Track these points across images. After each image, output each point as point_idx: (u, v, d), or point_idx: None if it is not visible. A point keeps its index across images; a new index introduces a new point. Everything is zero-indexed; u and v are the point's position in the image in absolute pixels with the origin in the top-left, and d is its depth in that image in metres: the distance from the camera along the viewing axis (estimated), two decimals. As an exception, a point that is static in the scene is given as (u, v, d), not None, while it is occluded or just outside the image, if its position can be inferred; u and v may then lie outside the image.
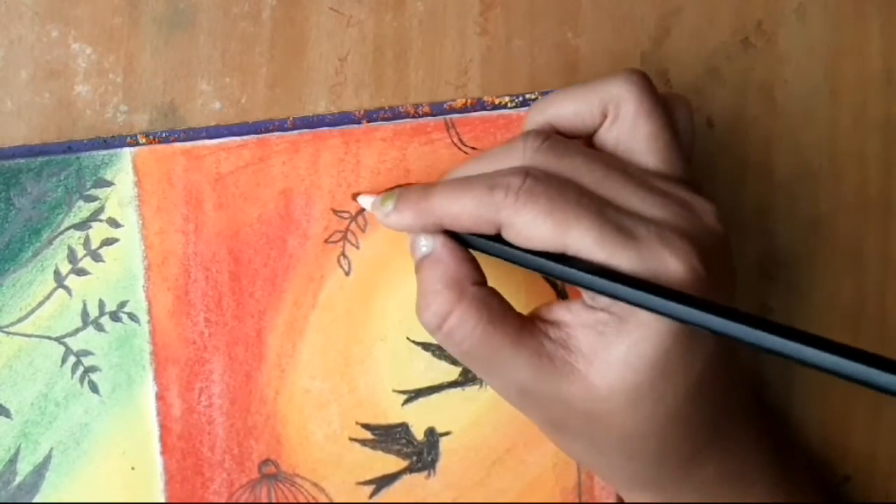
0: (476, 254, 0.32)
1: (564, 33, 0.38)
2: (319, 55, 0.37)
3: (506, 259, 0.31)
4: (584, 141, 0.33)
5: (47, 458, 0.36)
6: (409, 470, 0.37)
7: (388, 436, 0.37)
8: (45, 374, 0.36)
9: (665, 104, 0.32)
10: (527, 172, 0.30)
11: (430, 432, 0.37)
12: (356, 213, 0.37)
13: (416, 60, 0.37)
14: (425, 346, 0.37)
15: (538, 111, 0.33)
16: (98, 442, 0.36)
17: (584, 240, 0.28)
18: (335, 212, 0.37)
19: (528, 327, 0.31)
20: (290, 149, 0.37)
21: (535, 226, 0.29)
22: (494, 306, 0.31)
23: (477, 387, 0.37)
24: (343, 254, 0.37)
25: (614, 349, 0.29)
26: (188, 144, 0.36)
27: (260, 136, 0.37)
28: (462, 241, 0.32)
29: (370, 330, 0.37)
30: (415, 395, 0.37)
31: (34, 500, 0.36)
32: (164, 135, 0.37)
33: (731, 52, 0.38)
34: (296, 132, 0.37)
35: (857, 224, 0.39)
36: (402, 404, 0.37)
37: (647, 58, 0.38)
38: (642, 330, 0.28)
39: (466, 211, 0.30)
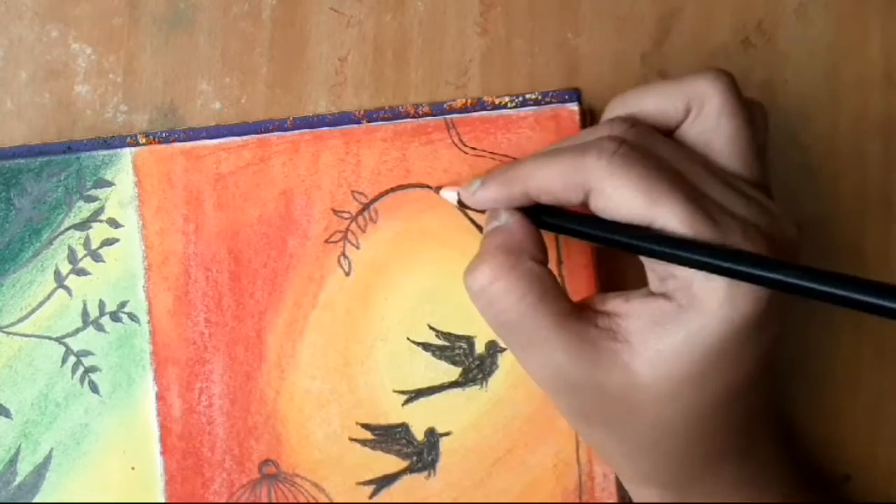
0: None
1: (564, 33, 0.38)
2: (319, 55, 0.37)
3: (589, 238, 0.30)
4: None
5: (47, 459, 0.36)
6: (410, 470, 0.37)
7: (388, 436, 0.37)
8: (45, 375, 0.36)
9: (748, 106, 0.32)
10: (622, 140, 0.29)
11: (431, 432, 0.37)
12: (356, 214, 0.37)
13: (416, 60, 0.37)
14: (425, 347, 0.37)
15: (619, 104, 0.32)
16: (98, 442, 0.36)
17: (673, 215, 0.28)
18: (335, 212, 0.37)
19: (575, 313, 0.30)
20: (291, 149, 0.37)
21: (627, 192, 0.29)
22: (547, 285, 0.30)
23: (478, 387, 0.37)
24: (343, 254, 0.37)
25: (669, 337, 0.29)
26: (188, 144, 0.36)
27: (260, 136, 0.37)
28: (540, 223, 0.32)
29: (370, 330, 0.37)
30: (415, 395, 0.37)
31: (34, 500, 0.36)
32: (163, 135, 0.37)
33: (731, 52, 0.38)
34: (296, 132, 0.37)
35: (857, 224, 0.39)
36: (403, 404, 0.37)
37: (647, 58, 0.38)
38: (703, 319, 0.28)
39: (555, 175, 0.30)
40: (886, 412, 0.39)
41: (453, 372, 0.37)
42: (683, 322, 0.28)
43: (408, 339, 0.37)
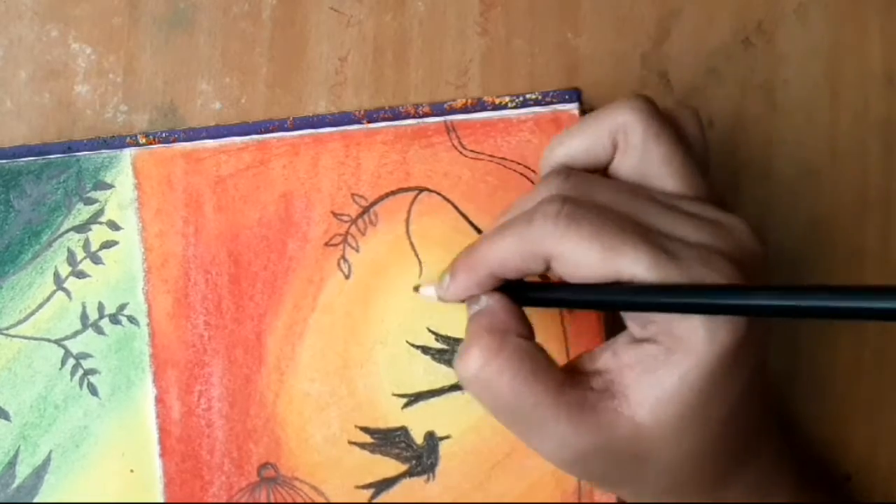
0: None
1: (564, 33, 0.38)
2: (319, 55, 0.37)
3: (565, 305, 0.30)
4: (599, 174, 0.33)
5: (46, 461, 0.36)
6: (409, 474, 0.37)
7: (387, 439, 0.37)
8: (44, 377, 0.36)
9: (673, 121, 0.32)
10: (563, 198, 0.29)
11: (430, 436, 0.37)
12: (356, 217, 0.37)
13: (416, 60, 0.37)
14: (425, 350, 0.37)
15: (550, 153, 0.32)
16: (97, 444, 0.36)
17: (636, 262, 0.28)
18: (335, 215, 0.37)
19: (569, 381, 0.30)
20: (291, 151, 0.37)
21: (582, 251, 0.28)
22: (537, 359, 0.30)
23: (476, 391, 0.37)
24: (343, 257, 0.37)
25: (664, 384, 0.29)
26: (188, 146, 0.36)
27: (260, 137, 0.36)
28: (520, 299, 0.32)
29: (370, 333, 0.37)
30: (414, 398, 0.37)
31: (33, 502, 0.36)
32: (164, 135, 0.36)
33: (731, 52, 0.38)
34: (296, 134, 0.36)
35: (857, 224, 0.39)
36: (402, 408, 0.37)
37: (647, 58, 0.38)
38: (692, 358, 0.28)
39: (510, 250, 0.30)
40: (886, 413, 0.39)
41: (453, 375, 0.37)
42: (674, 365, 0.28)
43: (407, 342, 0.37)
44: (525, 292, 0.32)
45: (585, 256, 0.28)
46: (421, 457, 0.37)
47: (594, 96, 0.37)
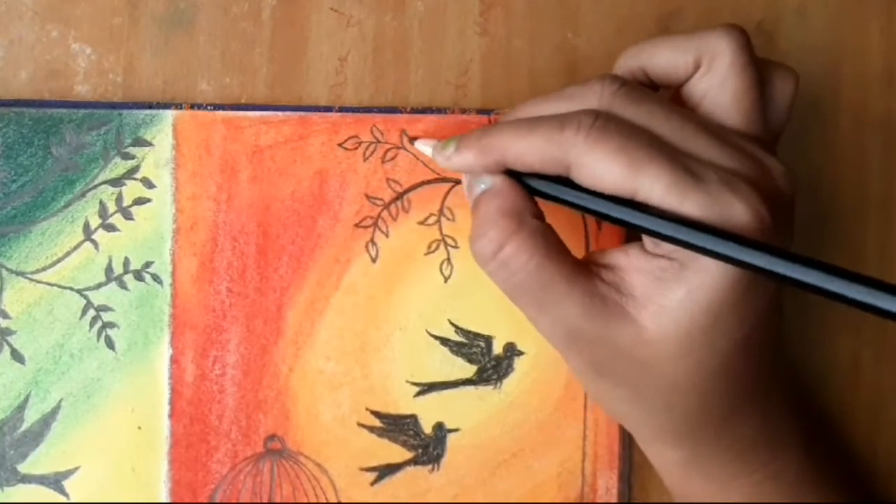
0: None
1: (564, 33, 0.38)
2: (319, 55, 0.37)
3: (570, 204, 0.30)
4: (672, 91, 0.33)
5: (56, 409, 0.36)
6: (414, 462, 0.37)
7: (396, 425, 0.37)
8: (63, 325, 0.36)
9: (763, 68, 0.32)
10: (599, 113, 0.29)
11: (439, 427, 0.37)
12: (389, 201, 0.37)
13: (416, 60, 0.38)
14: (443, 341, 0.37)
15: (631, 56, 0.33)
16: (108, 398, 0.36)
17: (656, 183, 0.28)
18: (368, 197, 0.37)
19: (582, 267, 0.31)
20: (331, 129, 0.37)
21: (607, 165, 0.29)
22: (552, 241, 0.31)
23: (491, 387, 0.37)
24: (372, 240, 0.37)
25: (671, 294, 0.29)
26: (230, 113, 0.36)
27: (302, 113, 0.37)
28: (526, 187, 0.32)
29: (390, 318, 0.37)
30: (427, 388, 0.37)
31: (38, 449, 0.36)
32: (209, 108, 0.37)
33: None
34: (339, 114, 0.37)
35: (857, 224, 0.39)
36: (414, 396, 0.37)
37: None
38: (702, 276, 0.28)
39: (534, 149, 0.30)
40: (886, 412, 0.39)
41: (468, 369, 0.37)
42: (684, 279, 0.29)
43: (427, 331, 0.37)
44: (531, 181, 0.31)
45: (608, 171, 0.29)
46: (428, 446, 0.37)
47: None
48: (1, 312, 0.36)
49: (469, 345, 0.37)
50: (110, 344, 0.36)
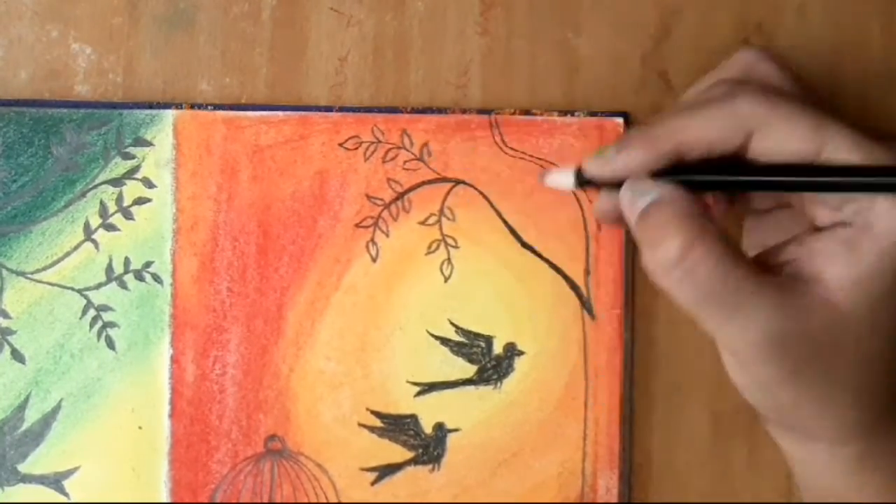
0: None
1: (564, 33, 0.38)
2: (319, 55, 0.37)
3: (752, 187, 0.30)
4: None
5: (56, 408, 0.36)
6: (414, 462, 0.37)
7: (396, 425, 0.37)
8: (63, 325, 0.36)
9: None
10: (764, 81, 0.30)
11: (439, 427, 0.37)
12: (390, 201, 0.37)
13: (416, 60, 0.38)
14: (444, 341, 0.37)
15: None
16: (108, 398, 0.36)
17: (842, 139, 0.28)
18: (369, 197, 0.37)
19: (764, 268, 0.30)
20: (332, 129, 0.37)
21: (793, 124, 0.29)
22: (732, 244, 0.29)
23: (491, 387, 0.37)
24: (372, 240, 0.37)
25: (862, 262, 0.28)
26: (230, 113, 0.36)
27: (302, 112, 0.37)
28: (698, 186, 0.31)
29: (390, 318, 0.37)
30: (428, 388, 0.37)
31: (38, 449, 0.36)
32: (209, 108, 0.37)
33: (731, 52, 0.38)
34: (339, 114, 0.37)
35: None
36: (415, 396, 0.37)
37: (647, 58, 0.38)
38: (891, 235, 0.28)
39: (710, 124, 0.29)
40: None
41: (469, 370, 0.37)
42: (872, 242, 0.28)
43: (427, 331, 0.37)
44: (701, 175, 0.30)
45: (794, 130, 0.28)
46: (428, 446, 0.37)
47: (594, 96, 0.38)
48: (1, 312, 0.36)
49: (469, 345, 0.37)
50: (110, 344, 0.36)
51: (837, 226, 0.29)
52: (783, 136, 0.29)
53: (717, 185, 0.31)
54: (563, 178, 0.32)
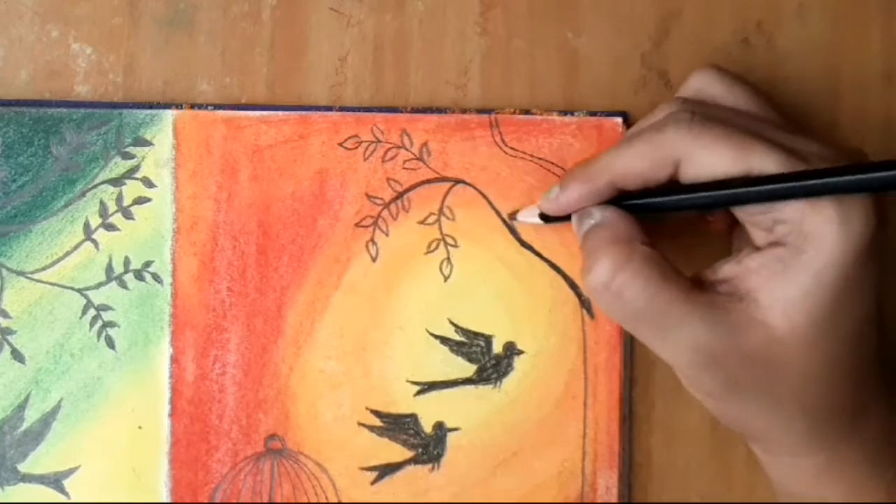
0: None
1: (564, 33, 0.38)
2: (319, 55, 0.37)
3: (689, 207, 0.31)
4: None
5: (56, 408, 0.36)
6: (414, 461, 0.37)
7: (396, 425, 0.37)
8: (63, 324, 0.36)
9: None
10: (693, 107, 0.31)
11: (439, 426, 0.37)
12: (390, 201, 0.37)
13: (416, 60, 0.38)
14: (443, 341, 0.37)
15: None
16: (108, 397, 0.36)
17: (767, 158, 0.29)
18: (369, 197, 0.37)
19: (697, 286, 0.31)
20: (331, 129, 0.37)
21: (717, 150, 0.29)
22: (664, 265, 0.31)
23: (491, 386, 0.37)
24: (372, 239, 0.37)
25: (796, 282, 0.29)
26: (230, 113, 0.36)
27: (302, 112, 0.37)
28: (636, 209, 0.32)
29: (390, 317, 0.37)
30: (428, 387, 0.37)
31: (38, 448, 0.36)
32: (209, 108, 0.37)
33: (731, 52, 0.38)
34: (339, 114, 0.37)
35: None
36: (414, 395, 0.37)
37: (647, 58, 0.38)
38: (824, 256, 0.28)
39: (639, 156, 0.31)
40: None
41: (468, 369, 0.37)
42: (805, 263, 0.29)
43: (427, 331, 0.37)
44: (638, 200, 0.32)
45: (719, 156, 0.29)
46: (428, 446, 0.37)
47: (594, 96, 0.38)
48: (1, 312, 0.36)
49: (469, 344, 0.37)
50: (110, 343, 0.36)
51: (773, 245, 0.30)
52: (707, 163, 0.30)
53: (650, 207, 0.32)
54: (530, 216, 0.35)
